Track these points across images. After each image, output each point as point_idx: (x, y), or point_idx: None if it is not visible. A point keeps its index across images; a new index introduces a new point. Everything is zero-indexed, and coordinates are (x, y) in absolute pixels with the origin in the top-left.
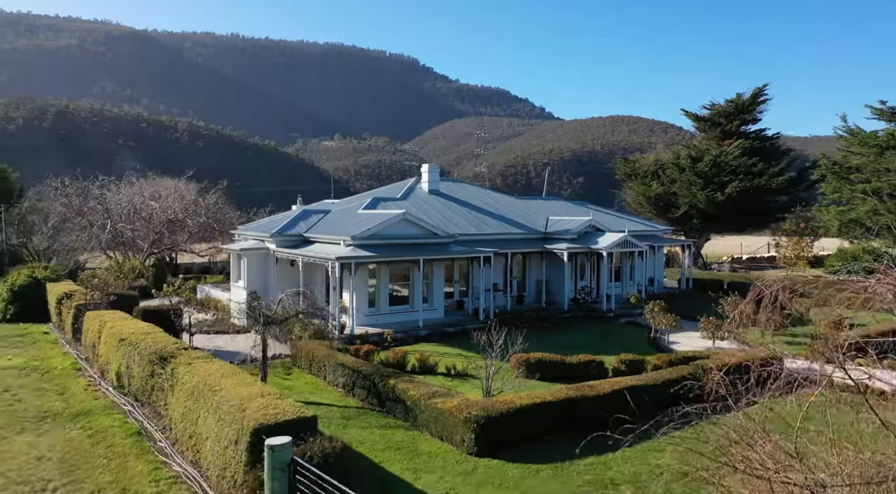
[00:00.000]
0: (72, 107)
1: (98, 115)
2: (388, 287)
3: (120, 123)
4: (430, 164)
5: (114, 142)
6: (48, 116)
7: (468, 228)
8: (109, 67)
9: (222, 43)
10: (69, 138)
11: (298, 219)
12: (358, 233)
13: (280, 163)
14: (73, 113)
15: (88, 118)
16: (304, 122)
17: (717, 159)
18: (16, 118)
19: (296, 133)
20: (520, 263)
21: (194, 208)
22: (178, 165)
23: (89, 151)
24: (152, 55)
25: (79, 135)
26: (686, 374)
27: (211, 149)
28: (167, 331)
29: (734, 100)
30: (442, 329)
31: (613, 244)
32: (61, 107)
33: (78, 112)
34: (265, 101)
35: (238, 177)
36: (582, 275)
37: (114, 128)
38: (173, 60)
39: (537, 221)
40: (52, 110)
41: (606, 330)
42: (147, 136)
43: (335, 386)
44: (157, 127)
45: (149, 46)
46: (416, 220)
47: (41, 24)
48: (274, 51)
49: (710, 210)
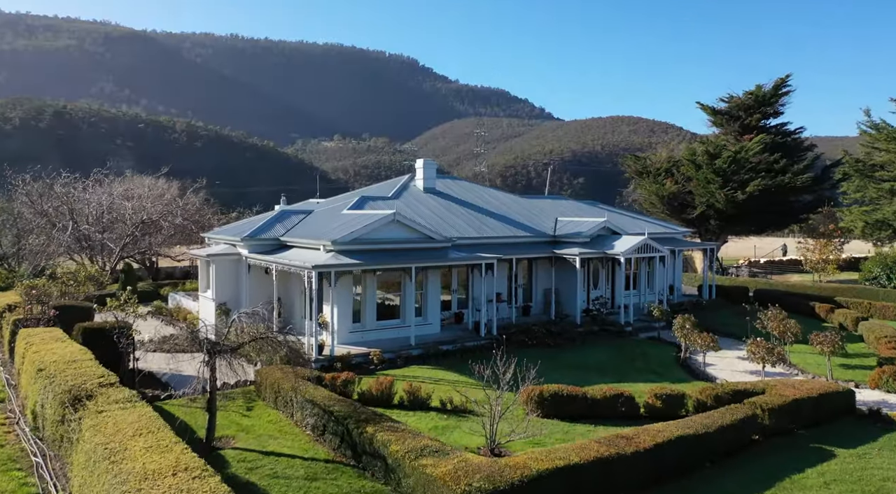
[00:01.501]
0: (69, 107)
1: (96, 116)
2: (375, 299)
3: (118, 124)
4: (424, 160)
5: (111, 143)
6: (45, 116)
7: (468, 231)
8: (108, 68)
9: (222, 43)
10: (66, 138)
11: (275, 220)
12: (339, 237)
13: (279, 163)
14: (70, 113)
15: (86, 118)
16: (303, 123)
17: (737, 155)
18: (13, 118)
19: (295, 133)
20: (525, 270)
21: (170, 208)
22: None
23: (87, 152)
24: (151, 56)
25: (76, 135)
26: (744, 417)
27: (210, 150)
28: (108, 356)
29: (754, 92)
30: (437, 347)
31: (632, 248)
32: (59, 108)
33: (75, 112)
34: (265, 102)
35: (237, 177)
36: (595, 284)
37: (111, 129)
38: (172, 61)
39: (545, 223)
40: (49, 110)
41: (626, 348)
42: (145, 137)
43: (303, 426)
44: (156, 127)
45: (148, 47)
46: (407, 222)
47: (40, 25)
48: (273, 51)
49: (728, 210)
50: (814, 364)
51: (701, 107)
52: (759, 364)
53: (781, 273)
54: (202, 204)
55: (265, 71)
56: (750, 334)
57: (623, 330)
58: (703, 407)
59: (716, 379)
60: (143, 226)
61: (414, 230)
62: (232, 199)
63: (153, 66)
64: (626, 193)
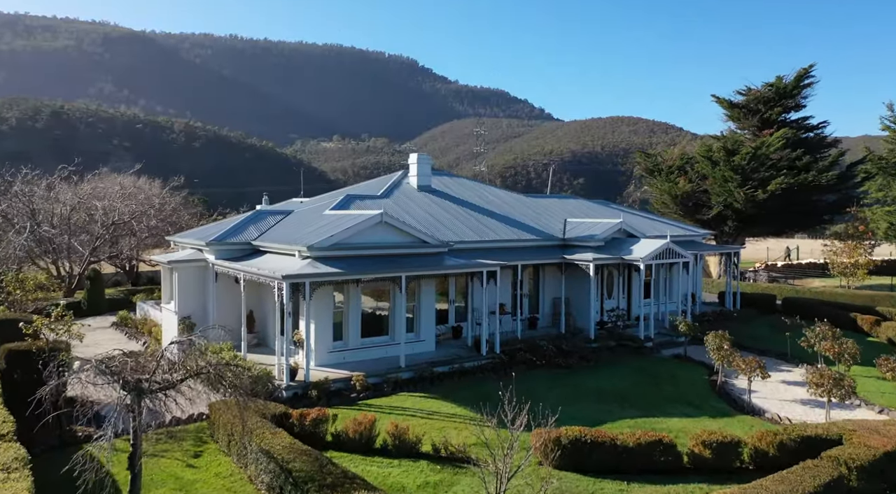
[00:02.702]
0: (66, 107)
1: (93, 116)
2: (360, 313)
3: (115, 124)
4: (418, 154)
5: (109, 143)
6: (42, 117)
7: (467, 234)
8: (107, 68)
9: (221, 44)
10: (63, 139)
11: (248, 222)
12: (317, 242)
13: (278, 164)
14: (67, 113)
15: (83, 119)
16: (302, 123)
17: (758, 151)
18: (9, 118)
19: (294, 134)
20: (531, 277)
21: (144, 208)
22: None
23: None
24: (150, 56)
25: (73, 135)
26: (829, 480)
27: (208, 150)
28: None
29: (775, 84)
30: (431, 369)
31: (652, 254)
32: (56, 108)
33: (72, 112)
34: (264, 102)
35: (235, 177)
36: (609, 293)
37: (109, 129)
38: (171, 61)
39: (552, 224)
40: (46, 110)
41: (649, 368)
42: (143, 137)
43: (258, 484)
44: (154, 127)
45: (147, 47)
46: (397, 224)
47: (38, 25)
48: (273, 52)
49: (747, 210)
50: (876, 392)
51: (716, 101)
52: (821, 396)
53: (800, 276)
54: (179, 204)
55: (264, 71)
56: (791, 352)
57: (643, 345)
58: (762, 456)
59: (764, 412)
60: (115, 227)
61: (405, 233)
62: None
63: (152, 67)
64: (627, 194)
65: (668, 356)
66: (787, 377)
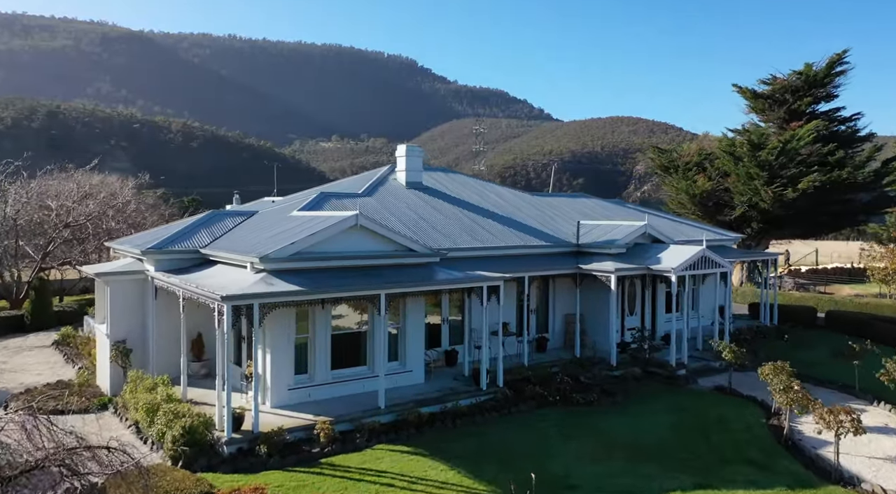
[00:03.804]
0: (63, 107)
1: (90, 116)
2: (329, 339)
3: (112, 124)
4: (407, 145)
5: (106, 143)
6: (38, 116)
7: (463, 239)
8: (105, 68)
9: (220, 44)
10: (60, 138)
11: (199, 226)
12: (273, 251)
13: (276, 164)
14: (64, 113)
15: (80, 118)
16: (301, 123)
17: (787, 145)
18: (4, 118)
19: (293, 134)
20: (540, 290)
21: (103, 209)
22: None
23: (80, 152)
24: (149, 56)
25: (70, 135)
26: None
27: (206, 150)
28: None
29: (804, 72)
30: (418, 411)
31: (686, 263)
32: (52, 107)
33: (69, 112)
34: (263, 102)
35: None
36: (631, 309)
37: (106, 129)
38: (170, 61)
39: (564, 228)
40: (42, 110)
41: (689, 406)
42: (140, 137)
43: None
44: (151, 127)
45: (145, 47)
46: (377, 228)
47: (36, 25)
48: (272, 52)
49: (774, 210)
50: None
51: (738, 91)
52: None
53: (828, 282)
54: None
55: (263, 71)
56: (858, 384)
57: (674, 374)
58: None
59: (861, 481)
60: (71, 230)
61: (386, 239)
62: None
63: (150, 67)
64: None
65: (707, 388)
66: (867, 421)
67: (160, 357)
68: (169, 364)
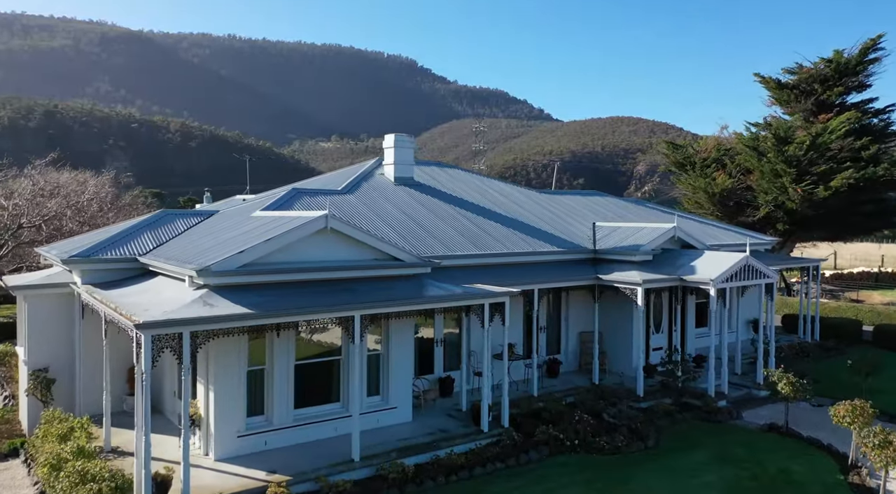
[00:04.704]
0: (60, 106)
1: (88, 115)
2: (291, 371)
3: (110, 123)
4: (396, 135)
5: (104, 143)
6: (35, 116)
7: (461, 244)
8: (105, 68)
9: (219, 44)
10: (57, 138)
11: (144, 227)
12: (215, 262)
13: (276, 164)
14: (61, 112)
15: (78, 118)
16: (301, 123)
17: (818, 139)
18: (1, 117)
19: (292, 134)
20: (551, 303)
21: (61, 210)
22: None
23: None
24: (148, 56)
25: (68, 135)
26: None
27: (205, 150)
28: None
29: (834, 59)
30: (401, 465)
31: (727, 273)
32: (50, 107)
33: (67, 111)
34: (262, 102)
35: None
36: (658, 325)
37: (104, 129)
38: (169, 61)
39: (577, 230)
40: (39, 110)
41: (742, 455)
42: (139, 137)
43: None
44: (149, 127)
45: (144, 47)
46: (353, 233)
47: (35, 25)
48: (271, 52)
49: (803, 210)
50: None
51: (761, 81)
52: None
53: (852, 288)
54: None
55: (263, 71)
56: None
57: (715, 407)
58: None
59: None
60: (26, 232)
61: (365, 246)
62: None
63: (150, 66)
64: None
65: (756, 426)
66: None
67: (90, 389)
68: (101, 398)
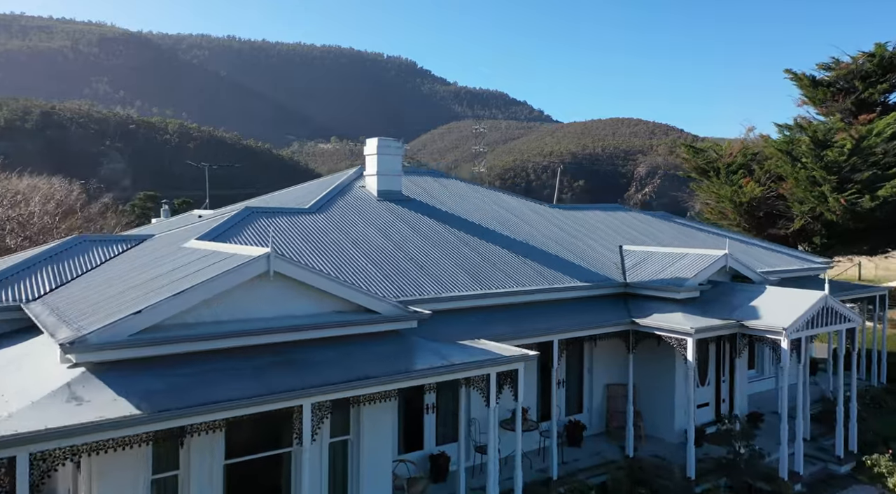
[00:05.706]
0: (58, 107)
1: (85, 116)
2: (220, 474)
3: (108, 125)
4: (379, 139)
5: (101, 144)
6: (32, 117)
7: (459, 280)
8: (103, 69)
9: (218, 45)
10: (54, 139)
11: (46, 258)
12: (94, 332)
13: (275, 165)
14: (58, 113)
15: (75, 119)
16: (300, 125)
17: (862, 143)
18: None
19: (291, 135)
20: (571, 350)
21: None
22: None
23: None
24: (147, 57)
25: (65, 136)
26: None
27: (204, 151)
28: None
29: (876, 53)
30: None
31: (803, 319)
32: (46, 108)
33: (64, 112)
34: (262, 103)
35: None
36: (702, 378)
37: (101, 130)
38: (168, 62)
39: (601, 256)
40: (36, 111)
41: None
42: (136, 138)
43: None
44: (147, 128)
45: (143, 48)
46: (307, 278)
47: (34, 26)
48: (270, 53)
49: (845, 222)
50: None
51: (793, 78)
52: None
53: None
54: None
55: (262, 72)
56: None
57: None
58: None
59: None
60: None
61: (325, 294)
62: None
63: (149, 68)
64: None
65: None
66: None
67: None
68: None
